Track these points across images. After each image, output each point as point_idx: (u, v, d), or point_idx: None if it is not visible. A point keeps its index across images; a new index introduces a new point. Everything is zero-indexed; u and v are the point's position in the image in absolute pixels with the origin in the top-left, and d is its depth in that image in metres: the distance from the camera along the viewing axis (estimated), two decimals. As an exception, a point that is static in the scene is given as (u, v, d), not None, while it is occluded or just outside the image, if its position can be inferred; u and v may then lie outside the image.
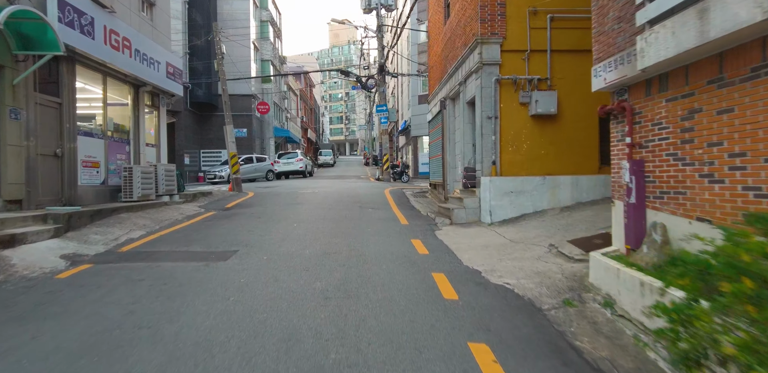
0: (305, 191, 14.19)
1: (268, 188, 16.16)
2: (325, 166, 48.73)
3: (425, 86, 22.34)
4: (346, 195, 12.66)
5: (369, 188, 15.35)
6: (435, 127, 12.68)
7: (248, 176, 21.65)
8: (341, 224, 7.72)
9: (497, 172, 7.93)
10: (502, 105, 8.06)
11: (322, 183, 18.52)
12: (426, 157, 22.54)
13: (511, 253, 5.54)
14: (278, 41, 33.50)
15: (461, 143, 9.73)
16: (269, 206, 10.47)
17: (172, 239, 6.50)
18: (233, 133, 14.70)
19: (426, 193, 14.02)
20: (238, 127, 25.14)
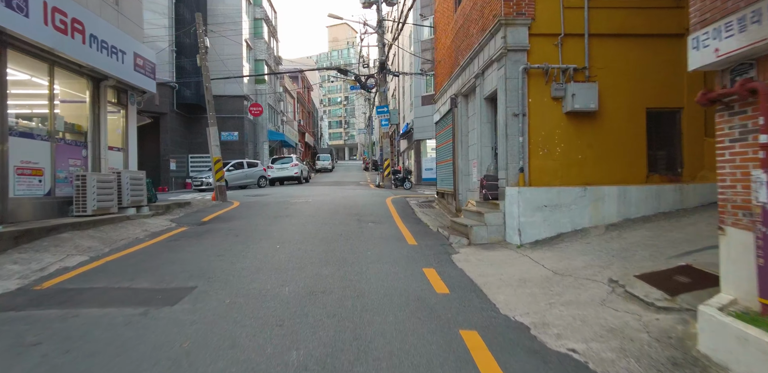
0: (298, 200, 12.83)
1: (258, 196, 14.80)
2: (323, 172, 47.47)
3: (429, 87, 21.07)
4: (343, 205, 11.29)
5: (369, 197, 13.99)
6: (443, 129, 11.35)
7: (238, 183, 20.30)
8: (335, 246, 6.35)
9: (526, 182, 6.58)
10: (531, 100, 6.73)
11: (317, 190, 17.16)
12: (431, 162, 21.22)
13: (561, 293, 4.16)
14: (273, 41, 32.32)
15: (477, 146, 8.39)
16: (253, 219, 9.10)
17: (117, 269, 5.12)
18: (217, 136, 13.36)
19: (432, 202, 12.67)
20: (229, 130, 23.87)
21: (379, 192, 16.34)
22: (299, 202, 12.25)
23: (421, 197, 14.09)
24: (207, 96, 13.49)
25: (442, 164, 11.77)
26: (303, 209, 10.67)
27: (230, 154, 23.85)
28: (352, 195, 14.56)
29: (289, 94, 40.58)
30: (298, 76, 51.40)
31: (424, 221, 9.25)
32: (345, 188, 19.34)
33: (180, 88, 21.38)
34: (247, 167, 20.94)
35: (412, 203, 12.68)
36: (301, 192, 16.29)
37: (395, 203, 12.12)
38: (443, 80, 11.68)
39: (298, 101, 48.34)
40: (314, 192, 16.16)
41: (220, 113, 23.32)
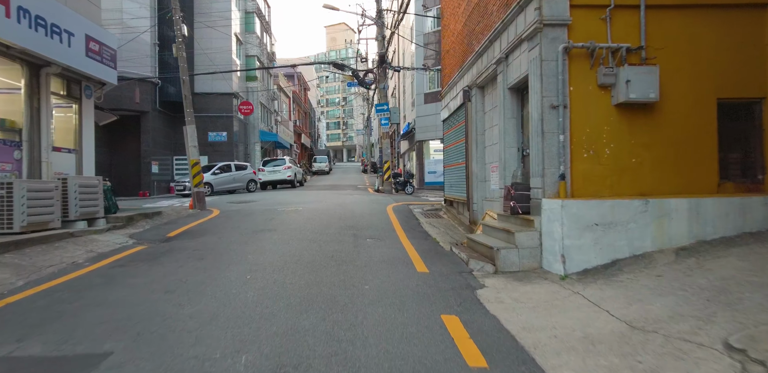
0: (287, 208, 11.44)
1: (243, 203, 13.39)
2: (320, 174, 46.14)
3: (432, 83, 19.72)
4: (338, 215, 9.90)
5: (367, 204, 12.60)
6: (453, 128, 9.98)
7: (225, 187, 18.89)
8: (323, 275, 4.96)
9: (567, 192, 5.20)
10: (573, 88, 5.37)
11: (311, 196, 15.75)
12: (434, 164, 19.85)
13: (658, 368, 2.76)
14: (267, 36, 30.97)
15: (499, 147, 7.00)
16: (228, 234, 7.70)
17: (12, 317, 3.72)
18: (196, 136, 11.96)
19: (439, 211, 11.28)
20: (217, 130, 22.49)
21: (379, 198, 14.95)
22: (288, 210, 10.85)
23: (426, 204, 12.70)
24: (184, 90, 12.11)
25: (451, 168, 10.39)
26: (291, 219, 9.27)
27: (218, 155, 22.47)
28: (349, 202, 13.16)
29: (284, 93, 39.22)
30: (294, 74, 50.14)
31: (432, 236, 7.87)
32: (341, 192, 17.94)
33: (163, 84, 20.00)
34: (236, 170, 19.53)
35: (417, 211, 11.30)
36: (293, 198, 14.89)
37: (397, 212, 10.73)
38: (452, 72, 10.32)
39: (294, 101, 46.99)
40: (307, 198, 14.76)
41: (207, 112, 21.99)
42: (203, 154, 22.03)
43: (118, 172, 19.46)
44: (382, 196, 16.22)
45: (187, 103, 11.88)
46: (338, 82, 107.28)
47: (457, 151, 9.54)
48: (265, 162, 23.06)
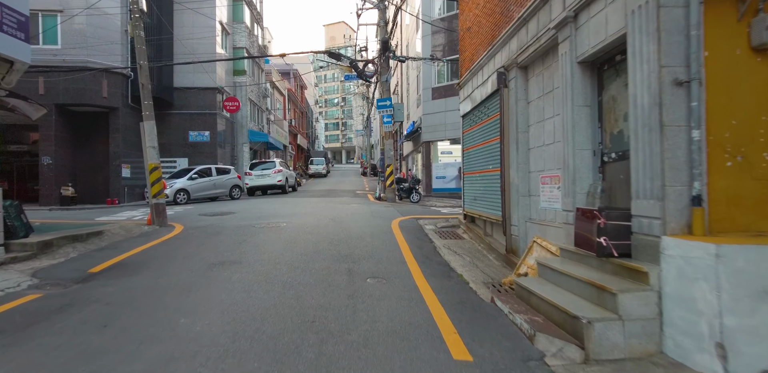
0: (268, 223, 9.36)
1: (218, 215, 11.29)
2: (317, 177, 44.12)
3: (442, 77, 17.66)
4: (330, 237, 7.81)
5: (368, 217, 10.51)
6: (478, 124, 7.89)
7: (204, 194, 16.81)
8: (294, 367, 2.87)
9: (705, 227, 3.11)
10: (709, 53, 3.28)
11: (301, 206, 13.66)
12: (443, 168, 17.77)
13: None
14: (258, 28, 28.93)
15: (562, 148, 4.92)
16: (173, 269, 5.62)
17: None
18: (155, 134, 9.84)
19: (457, 228, 9.22)
20: (198, 129, 20.41)
21: (381, 209, 12.85)
22: (268, 228, 8.77)
23: (439, 218, 10.61)
24: (140, 78, 10.02)
25: (474, 176, 8.29)
26: (267, 243, 7.18)
27: (200, 157, 20.39)
28: (346, 215, 11.06)
29: (277, 91, 37.18)
30: (290, 72, 48.14)
31: (457, 271, 5.80)
32: (338, 201, 15.85)
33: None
34: (217, 174, 17.45)
35: (429, 228, 9.22)
36: (280, 208, 12.79)
37: (405, 230, 8.65)
38: (475, 54, 8.25)
39: (290, 100, 44.96)
40: (296, 208, 12.66)
41: (187, 109, 19.95)
42: (183, 155, 20.04)
43: (84, 177, 17.39)
44: (384, 205, 14.12)
45: (145, 94, 9.79)
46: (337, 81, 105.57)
47: (484, 154, 7.45)
48: (253, 165, 20.97)
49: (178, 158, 20.26)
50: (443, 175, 17.86)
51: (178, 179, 16.12)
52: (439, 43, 17.83)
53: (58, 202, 16.00)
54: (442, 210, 12.78)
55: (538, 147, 5.73)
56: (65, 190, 16.10)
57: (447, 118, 17.55)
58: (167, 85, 19.54)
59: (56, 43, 15.92)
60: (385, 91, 16.07)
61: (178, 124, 20.32)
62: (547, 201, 5.45)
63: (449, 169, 17.72)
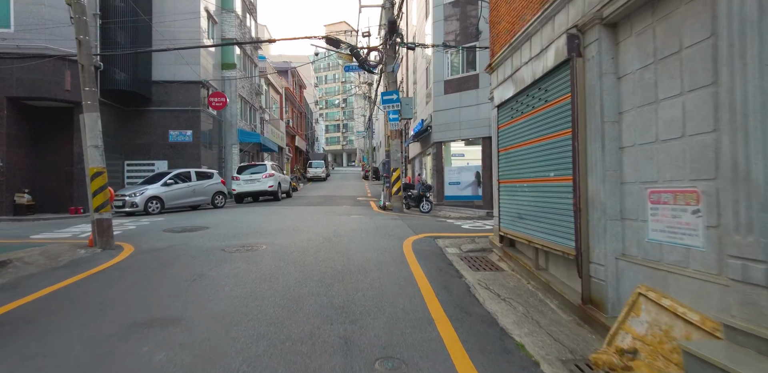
0: (243, 245, 7.37)
1: (185, 232, 9.27)
2: (316, 181, 42.25)
3: (456, 68, 15.66)
4: (321, 269, 5.79)
5: (372, 236, 8.48)
6: (527, 114, 5.84)
7: (181, 203, 14.81)
8: None
9: None
10: None
11: (292, 217, 11.65)
12: (457, 173, 15.74)
13: None
14: (251, 20, 27.02)
15: (694, 143, 2.87)
16: (66, 339, 3.59)
17: None
18: (99, 130, 7.78)
19: (488, 252, 7.20)
20: (180, 127, 18.42)
21: (388, 222, 10.81)
22: (241, 253, 6.75)
23: (460, 235, 8.57)
24: (80, 58, 7.89)
25: (515, 185, 6.23)
26: (231, 282, 5.16)
27: (182, 160, 18.40)
28: (344, 231, 9.02)
29: (273, 89, 35.26)
30: (288, 70, 46.28)
31: (513, 336, 3.78)
32: (336, 211, 13.82)
33: (108, 68, 15.97)
34: (197, 179, 15.45)
35: (451, 252, 7.22)
36: (265, 221, 10.78)
37: (422, 256, 6.62)
38: (517, 21, 6.23)
39: (287, 99, 43.05)
40: (285, 222, 10.65)
41: (167, 105, 17.99)
42: (162, 157, 18.06)
43: (44, 183, 15.41)
44: (390, 217, 12.08)
45: (86, 79, 7.72)
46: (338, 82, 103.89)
47: (537, 155, 5.40)
48: (241, 168, 18.97)
49: (156, 161, 18.28)
50: (457, 181, 15.83)
51: (151, 185, 14.13)
52: (452, 29, 15.85)
53: (11, 211, 14.02)
54: (462, 226, 10.72)
55: (645, 145, 3.69)
56: (20, 197, 14.12)
57: (462, 115, 15.53)
58: (144, 78, 17.58)
59: (8, 25, 13.97)
60: (390, 83, 14.07)
61: (157, 122, 18.34)
62: (667, 231, 3.41)
63: (464, 174, 15.70)
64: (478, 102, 15.06)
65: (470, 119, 15.25)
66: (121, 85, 16.39)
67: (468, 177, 15.53)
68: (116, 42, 16.07)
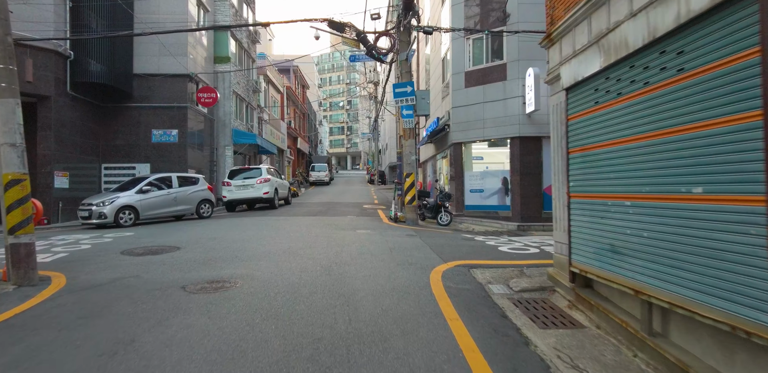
0: (212, 281, 5.51)
1: (147, 255, 7.39)
2: (319, 185, 40.49)
3: (478, 58, 13.80)
4: (313, 328, 3.89)
5: (385, 264, 6.56)
6: (636, 93, 3.88)
7: (161, 213, 12.99)
8: None
9: None
10: None
11: (285, 233, 9.77)
12: (479, 179, 13.83)
13: None
14: (248, 10, 25.27)
15: None
16: None
17: None
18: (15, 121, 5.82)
19: (548, 292, 5.28)
20: (164, 127, 16.61)
21: (403, 240, 8.88)
22: (205, 295, 4.88)
23: (500, 262, 6.63)
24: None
25: (602, 202, 4.28)
26: (174, 355, 3.27)
27: (166, 163, 16.58)
28: (349, 256, 7.11)
29: (273, 87, 33.50)
30: (290, 68, 44.60)
31: None
32: (340, 222, 11.91)
33: (79, 58, 14.21)
34: (179, 186, 13.59)
35: (497, 291, 5.33)
36: (251, 239, 8.89)
37: (460, 300, 4.74)
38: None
39: (289, 98, 41.31)
40: (276, 239, 8.76)
41: (150, 101, 16.19)
42: (144, 160, 16.24)
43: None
44: (405, 232, 10.15)
45: (5, 55, 5.79)
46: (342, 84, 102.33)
47: (655, 158, 3.48)
48: (233, 173, 17.12)
49: (138, 164, 16.47)
50: (480, 189, 13.88)
51: (124, 192, 12.28)
52: (473, 14, 13.97)
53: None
54: (499, 248, 8.75)
55: None
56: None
57: (486, 111, 13.61)
58: (124, 71, 15.79)
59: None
60: (404, 73, 12.19)
61: (139, 121, 16.54)
62: None
63: (489, 180, 13.75)
64: (506, 96, 13.14)
65: (496, 116, 13.33)
66: (96, 78, 14.61)
67: (493, 184, 13.59)
68: (89, 28, 14.30)
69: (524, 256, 7.31)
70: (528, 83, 12.37)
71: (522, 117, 12.79)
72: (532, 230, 12.31)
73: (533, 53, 12.86)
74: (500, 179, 13.40)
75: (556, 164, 5.65)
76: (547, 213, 12.81)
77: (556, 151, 5.63)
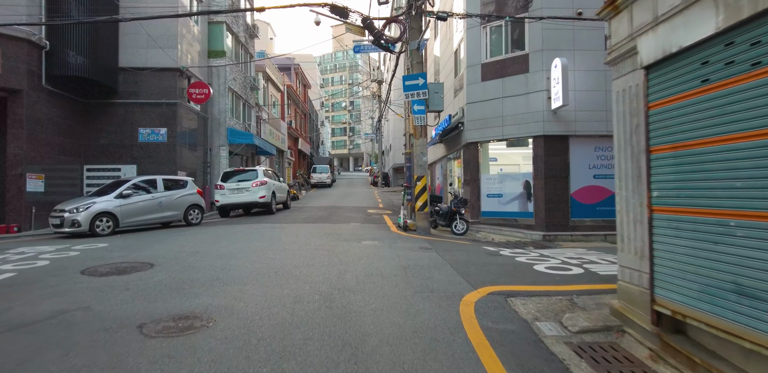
0: (183, 312, 4.35)
1: (111, 275, 6.20)
2: (320, 187, 39.36)
3: (497, 48, 12.63)
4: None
5: (399, 290, 5.37)
6: None
7: (143, 220, 11.83)
8: None
9: None
10: None
11: (279, 246, 8.58)
12: (498, 182, 12.65)
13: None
14: (245, 2, 24.14)
15: None
16: None
17: None
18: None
19: (614, 333, 4.05)
20: (152, 125, 15.47)
21: (417, 255, 7.67)
22: (164, 342, 3.70)
23: (541, 287, 5.41)
24: None
25: (716, 221, 3.10)
26: None
27: (154, 164, 15.42)
28: (355, 283, 5.89)
29: (273, 85, 32.36)
30: (290, 67, 43.50)
31: None
32: (342, 231, 10.70)
33: (56, 49, 13.07)
34: (165, 189, 12.41)
35: (550, 333, 4.19)
36: (237, 256, 7.70)
37: (508, 355, 3.49)
38: None
39: (290, 97, 40.18)
40: (266, 257, 7.56)
41: (137, 97, 15.08)
42: (130, 161, 15.11)
43: (-29, 192, 12.45)
44: (418, 244, 8.93)
45: None
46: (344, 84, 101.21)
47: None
48: (226, 175, 15.93)
49: (123, 165, 15.30)
50: (498, 193, 12.64)
51: (101, 197, 11.10)
52: (489, 0, 12.76)
53: None
54: (535, 266, 7.52)
55: None
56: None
57: (505, 107, 12.40)
58: (108, 64, 14.64)
59: None
60: (415, 64, 10.99)
61: (125, 118, 15.38)
62: None
63: (508, 183, 12.52)
64: (528, 90, 11.93)
65: (517, 113, 12.11)
66: (75, 71, 13.45)
67: (513, 188, 12.35)
68: (68, 15, 13.14)
69: (568, 278, 6.08)
70: (554, 75, 11.16)
71: (547, 113, 11.57)
72: (558, 241, 11.07)
73: (559, 42, 11.65)
74: (521, 183, 12.17)
75: (621, 167, 4.43)
76: (575, 221, 11.58)
77: (622, 150, 4.40)
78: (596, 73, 11.57)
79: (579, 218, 11.56)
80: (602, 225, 11.54)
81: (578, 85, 11.50)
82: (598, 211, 11.60)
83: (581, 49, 11.62)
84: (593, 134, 11.55)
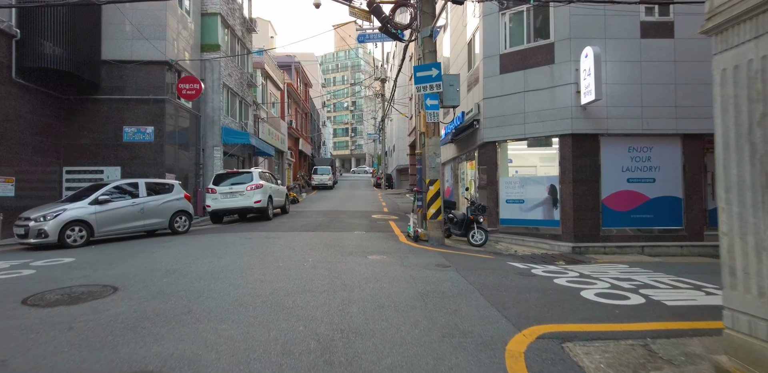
0: (134, 366, 3.10)
1: (60, 305, 5.05)
2: (321, 189, 38.33)
3: (517, 38, 11.49)
4: None
5: (422, 333, 4.21)
6: None
7: (124, 229, 10.73)
8: None
9: None
10: None
11: (271, 264, 7.45)
12: (519, 187, 11.49)
13: None
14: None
15: None
16: None
17: None
18: None
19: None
20: (138, 123, 14.36)
21: (436, 277, 6.49)
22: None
23: (601, 327, 4.24)
24: None
25: None
26: None
27: (140, 165, 14.30)
28: (362, 320, 4.74)
29: (272, 83, 31.25)
30: (291, 64, 42.44)
31: None
32: (345, 243, 9.54)
33: (29, 38, 11.97)
34: (147, 194, 11.26)
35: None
36: (220, 276, 6.57)
37: None
38: None
39: (290, 96, 39.07)
40: (254, 278, 6.44)
41: (122, 93, 13.97)
42: (115, 163, 14.01)
43: (-67, 196, 11.34)
44: (434, 260, 7.74)
45: None
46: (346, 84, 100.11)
47: None
48: (218, 178, 14.79)
49: (106, 167, 14.18)
50: (520, 199, 11.46)
51: (74, 203, 9.96)
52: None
53: None
54: (582, 292, 6.32)
55: None
56: None
57: (527, 102, 11.24)
58: (90, 57, 13.51)
59: None
60: (428, 53, 9.82)
61: (108, 116, 14.27)
62: None
63: (531, 188, 11.34)
64: (554, 83, 10.76)
65: (541, 109, 10.95)
66: (51, 63, 12.33)
67: (537, 193, 11.17)
68: (46, 5, 12.02)
69: (629, 311, 4.88)
70: (584, 67, 9.99)
71: (575, 109, 10.40)
72: (590, 254, 9.89)
73: (589, 30, 10.48)
74: (546, 188, 10.98)
75: (731, 173, 3.24)
76: (607, 231, 10.38)
77: (733, 149, 3.22)
78: (630, 64, 10.40)
79: (611, 227, 10.37)
80: (638, 235, 10.35)
81: (610, 77, 10.33)
82: (633, 219, 10.41)
83: (614, 37, 10.45)
84: (628, 133, 10.38)
